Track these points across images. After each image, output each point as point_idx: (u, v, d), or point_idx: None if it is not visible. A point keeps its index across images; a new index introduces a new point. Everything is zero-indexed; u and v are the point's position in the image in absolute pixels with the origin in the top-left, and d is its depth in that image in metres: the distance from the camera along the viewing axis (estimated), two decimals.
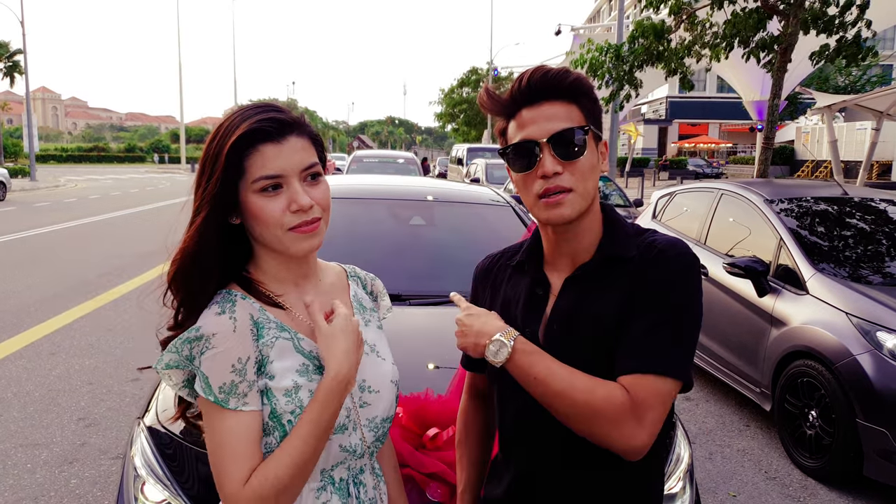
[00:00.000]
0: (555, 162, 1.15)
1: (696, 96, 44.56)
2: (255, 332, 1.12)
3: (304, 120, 1.18)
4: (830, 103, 14.36)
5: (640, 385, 1.09)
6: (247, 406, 1.07)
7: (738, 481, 3.83)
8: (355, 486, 1.21)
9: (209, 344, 1.06)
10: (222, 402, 1.06)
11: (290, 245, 1.13)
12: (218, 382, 1.06)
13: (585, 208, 1.19)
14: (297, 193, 1.11)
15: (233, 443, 1.06)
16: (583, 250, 1.24)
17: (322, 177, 1.18)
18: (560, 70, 1.18)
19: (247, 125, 1.10)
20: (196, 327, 1.08)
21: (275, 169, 1.10)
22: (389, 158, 16.10)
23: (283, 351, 1.13)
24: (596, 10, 68.99)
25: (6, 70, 42.24)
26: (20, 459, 3.86)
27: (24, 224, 15.15)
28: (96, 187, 29.31)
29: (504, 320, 1.27)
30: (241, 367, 1.07)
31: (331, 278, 1.33)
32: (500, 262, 1.40)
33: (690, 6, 9.91)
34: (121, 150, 76.76)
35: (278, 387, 1.10)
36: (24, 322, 6.75)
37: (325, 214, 1.16)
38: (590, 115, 1.20)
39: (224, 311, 1.10)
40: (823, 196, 5.12)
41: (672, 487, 1.88)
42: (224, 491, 1.06)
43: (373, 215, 3.46)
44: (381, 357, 1.30)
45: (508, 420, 1.31)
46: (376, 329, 1.35)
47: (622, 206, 10.75)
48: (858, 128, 29.36)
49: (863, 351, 3.59)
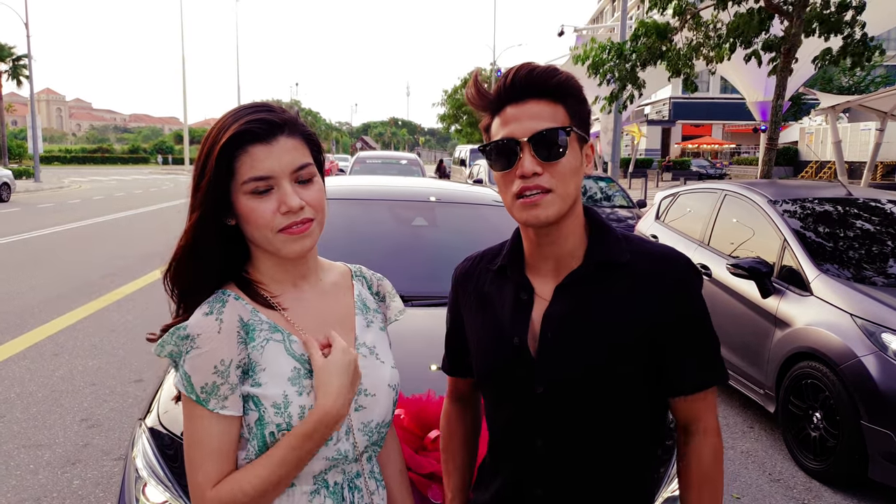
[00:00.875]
0: (534, 162, 1.12)
1: (700, 97, 44.45)
2: (242, 335, 1.10)
3: (296, 120, 1.16)
4: (834, 104, 14.34)
5: (706, 402, 1.22)
6: (225, 410, 1.07)
7: (741, 483, 3.81)
8: (350, 491, 1.19)
9: (194, 344, 1.06)
10: (203, 401, 1.06)
11: (280, 247, 1.12)
12: (200, 382, 1.06)
13: (565, 210, 1.16)
14: (287, 195, 1.10)
15: (208, 443, 1.07)
16: (567, 254, 1.21)
17: (315, 177, 1.15)
18: (547, 68, 1.16)
19: (236, 126, 1.09)
20: (183, 325, 1.08)
21: (264, 170, 1.09)
22: (392, 159, 16.11)
23: (273, 354, 1.12)
24: (599, 10, 68.98)
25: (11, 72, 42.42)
26: (23, 460, 3.87)
27: (28, 225, 15.20)
28: (100, 188, 29.38)
29: (486, 326, 1.29)
30: (223, 370, 1.07)
31: (333, 278, 1.31)
32: (480, 265, 1.36)
33: (694, 7, 9.90)
34: (124, 152, 76.91)
35: (266, 395, 1.09)
36: (27, 323, 6.76)
37: (318, 216, 1.15)
38: (576, 116, 1.17)
39: (212, 311, 1.10)
40: (828, 197, 5.10)
41: (675, 490, 1.87)
42: (193, 488, 1.07)
43: (375, 216, 3.45)
44: (381, 360, 1.27)
45: (497, 428, 1.30)
46: (378, 331, 1.32)
47: (625, 206, 10.72)
48: (863, 128, 29.27)
49: (867, 352, 3.57)
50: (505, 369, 1.23)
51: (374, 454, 1.26)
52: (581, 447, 1.19)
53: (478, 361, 1.31)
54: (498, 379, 1.25)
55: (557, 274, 1.21)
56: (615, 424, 1.18)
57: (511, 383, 1.22)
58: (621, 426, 1.18)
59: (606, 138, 21.52)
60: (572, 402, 1.17)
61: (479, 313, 1.30)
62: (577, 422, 1.18)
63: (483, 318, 1.29)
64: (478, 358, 1.30)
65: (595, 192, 11.16)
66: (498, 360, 1.24)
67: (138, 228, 15.05)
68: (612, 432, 1.19)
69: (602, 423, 1.18)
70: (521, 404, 1.20)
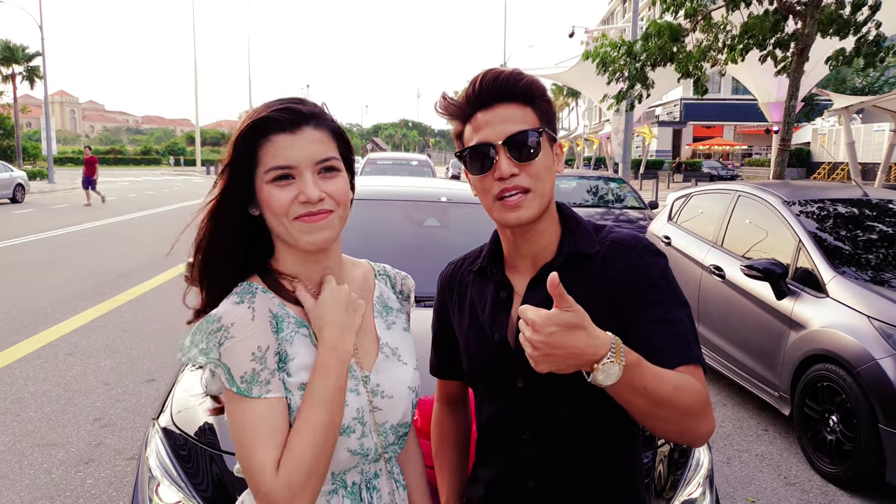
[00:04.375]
0: (510, 164, 1.16)
1: (711, 98, 44.17)
2: (274, 324, 1.11)
3: (323, 113, 1.16)
4: (848, 105, 14.23)
5: (696, 375, 1.10)
6: (270, 393, 1.06)
7: (756, 487, 3.77)
8: (368, 491, 1.19)
9: (228, 333, 1.05)
10: (245, 391, 1.04)
11: (297, 236, 1.11)
12: (239, 372, 1.04)
13: (544, 208, 1.21)
14: (307, 185, 1.09)
15: (259, 431, 1.03)
16: (542, 249, 1.25)
17: (340, 171, 1.15)
18: (512, 72, 1.20)
19: (262, 115, 1.10)
20: (216, 317, 1.06)
21: (286, 159, 1.09)
22: (403, 161, 16.11)
23: (301, 347, 1.12)
24: (609, 12, 68.79)
25: (26, 74, 42.82)
26: (36, 459, 3.89)
27: (42, 226, 15.34)
28: (113, 189, 29.57)
29: (471, 326, 1.31)
30: (261, 356, 1.06)
31: (358, 276, 1.31)
32: (462, 268, 1.41)
33: (706, 8, 9.83)
34: (137, 153, 77.52)
35: (294, 382, 1.09)
36: (41, 322, 6.81)
37: (338, 209, 1.14)
38: (544, 116, 1.21)
39: (243, 300, 1.10)
40: (843, 198, 5.04)
41: (692, 493, 1.85)
42: (256, 484, 1.02)
43: (386, 217, 3.45)
44: (403, 361, 1.25)
45: (486, 423, 1.33)
46: (401, 331, 1.31)
47: (637, 207, 10.66)
48: (876, 129, 29.01)
49: (885, 355, 3.53)
50: (490, 366, 1.28)
51: (394, 455, 1.25)
52: (567, 438, 1.21)
53: (466, 361, 1.35)
54: (485, 376, 1.30)
55: (535, 270, 1.26)
56: (598, 413, 1.19)
57: (496, 379, 1.27)
58: (604, 415, 1.19)
59: (617, 139, 21.42)
60: (553, 394, 1.20)
61: (465, 315, 1.35)
62: (559, 412, 1.20)
63: (468, 319, 1.33)
64: (466, 358, 1.35)
65: (606, 193, 11.11)
66: (484, 359, 1.29)
67: (151, 229, 15.14)
68: (596, 422, 1.20)
69: (585, 413, 1.20)
70: (507, 399, 1.25)
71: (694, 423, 1.07)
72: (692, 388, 1.07)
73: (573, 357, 0.96)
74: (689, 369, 1.11)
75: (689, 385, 1.07)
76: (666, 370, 1.06)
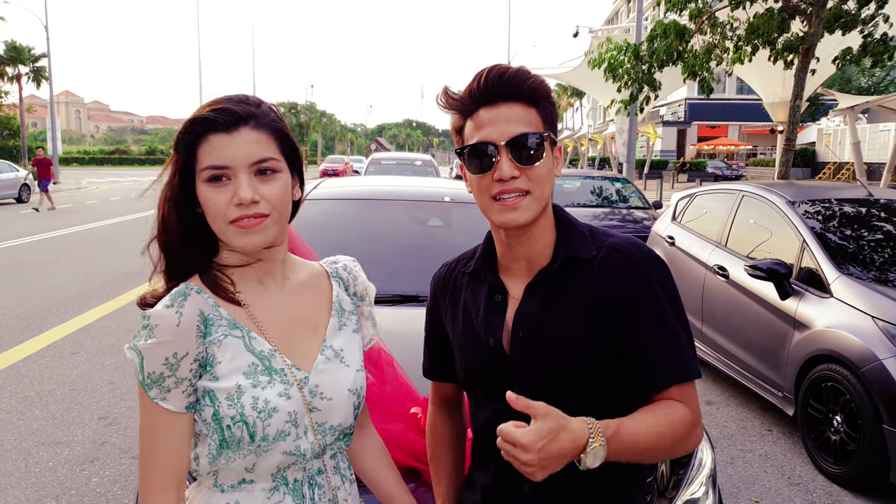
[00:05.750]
0: (512, 166, 1.14)
1: (716, 98, 44.07)
2: (202, 328, 1.11)
3: (264, 113, 1.14)
4: (853, 104, 14.18)
5: (686, 393, 1.15)
6: (165, 402, 1.08)
7: (760, 487, 3.77)
8: (310, 488, 1.19)
9: (152, 333, 1.07)
10: (147, 387, 1.08)
11: (232, 239, 1.12)
12: (149, 369, 1.07)
13: (540, 212, 1.19)
14: (241, 186, 1.09)
15: (157, 433, 1.10)
16: (538, 253, 1.23)
17: (278, 173, 1.13)
18: (519, 70, 1.17)
19: (199, 114, 1.11)
20: (147, 315, 1.09)
21: (221, 159, 1.09)
22: (407, 160, 16.13)
23: (231, 349, 1.12)
24: (614, 11, 68.69)
25: (31, 74, 42.97)
26: (42, 457, 3.91)
27: (47, 225, 15.40)
28: (118, 189, 29.67)
29: (465, 330, 1.29)
30: (174, 363, 1.07)
31: (302, 277, 1.28)
32: (456, 270, 1.39)
33: (710, 8, 9.81)
34: (142, 153, 77.58)
35: (221, 388, 1.10)
36: (46, 322, 6.84)
37: (275, 212, 1.12)
38: (548, 119, 1.19)
39: (173, 304, 1.10)
40: (847, 198, 5.03)
41: (695, 492, 1.85)
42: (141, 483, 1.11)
43: (388, 216, 3.46)
44: (346, 364, 1.24)
45: (481, 427, 1.31)
46: (351, 333, 1.30)
47: (641, 207, 10.65)
48: (882, 129, 28.92)
49: (889, 355, 3.52)
50: (485, 372, 1.26)
51: (340, 451, 1.25)
52: None
53: (461, 366, 1.34)
54: (480, 380, 1.29)
55: (530, 273, 1.24)
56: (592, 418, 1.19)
57: (492, 384, 1.25)
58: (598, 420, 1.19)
59: (622, 139, 21.39)
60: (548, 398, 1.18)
61: (458, 318, 1.33)
62: None
63: (462, 322, 1.32)
64: (460, 361, 1.34)
65: (611, 193, 11.10)
66: (478, 364, 1.27)
67: None
68: None
69: None
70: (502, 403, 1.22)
71: (682, 449, 1.16)
72: (675, 423, 1.12)
73: (564, 457, 1.02)
74: (681, 389, 1.15)
75: (671, 422, 1.11)
76: (644, 417, 1.11)
